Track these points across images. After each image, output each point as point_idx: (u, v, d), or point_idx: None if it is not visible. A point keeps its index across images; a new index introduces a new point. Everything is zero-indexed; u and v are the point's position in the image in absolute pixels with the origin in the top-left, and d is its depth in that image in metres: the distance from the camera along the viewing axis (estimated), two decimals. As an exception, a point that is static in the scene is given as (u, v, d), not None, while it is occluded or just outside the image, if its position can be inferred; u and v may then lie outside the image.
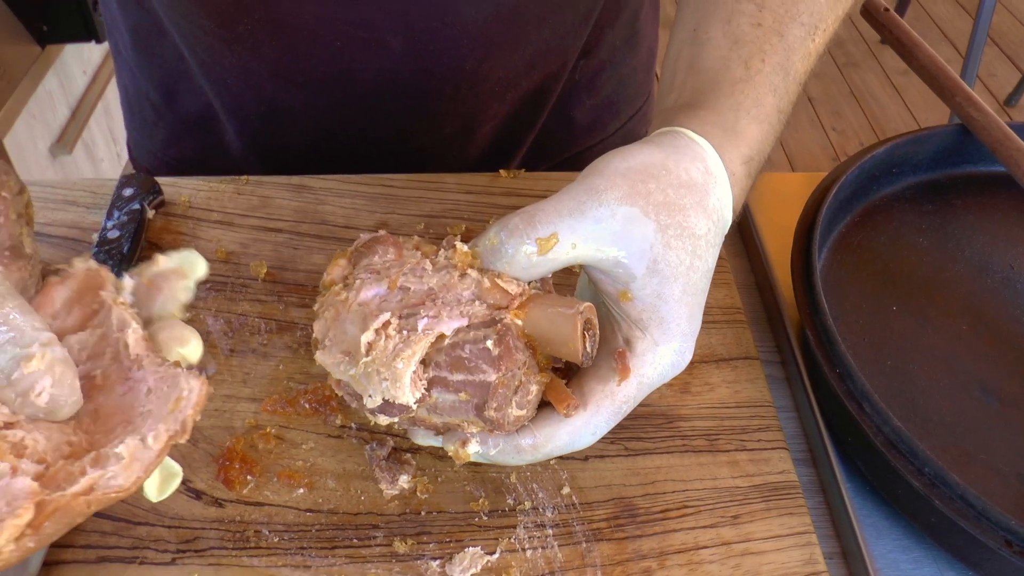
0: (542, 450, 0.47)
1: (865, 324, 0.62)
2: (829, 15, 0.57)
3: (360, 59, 0.72)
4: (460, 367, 0.44)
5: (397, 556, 0.51)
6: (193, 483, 0.54)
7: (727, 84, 0.53)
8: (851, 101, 2.90)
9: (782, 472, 0.55)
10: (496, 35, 0.72)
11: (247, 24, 0.71)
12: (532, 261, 0.46)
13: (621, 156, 0.48)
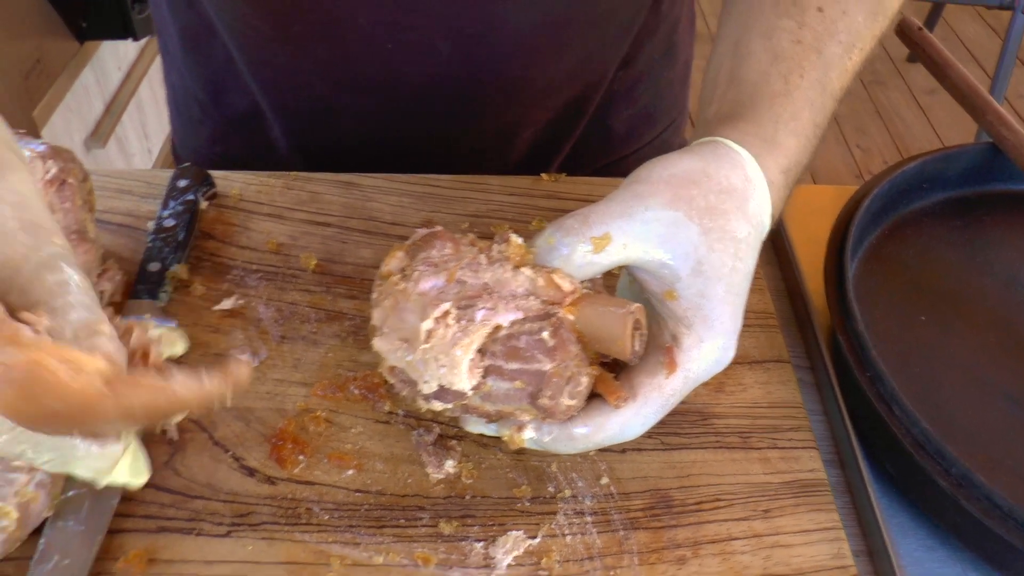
0: (594, 439, 0.50)
1: (893, 333, 0.65)
2: (866, 34, 0.60)
3: (409, 62, 0.74)
4: (516, 356, 0.47)
5: (443, 537, 0.53)
6: (246, 461, 0.57)
7: (766, 97, 0.55)
8: (876, 119, 2.91)
9: (812, 470, 0.57)
10: (541, 43, 0.75)
11: (301, 25, 0.74)
12: (587, 259, 0.49)
13: (664, 163, 0.51)
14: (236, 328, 0.64)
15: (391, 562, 0.52)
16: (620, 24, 0.79)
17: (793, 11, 0.57)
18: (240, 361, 0.46)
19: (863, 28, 0.59)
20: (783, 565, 0.53)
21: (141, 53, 2.22)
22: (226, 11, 0.77)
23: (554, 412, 0.47)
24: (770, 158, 0.53)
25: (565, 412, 0.48)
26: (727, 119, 0.55)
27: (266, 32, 0.76)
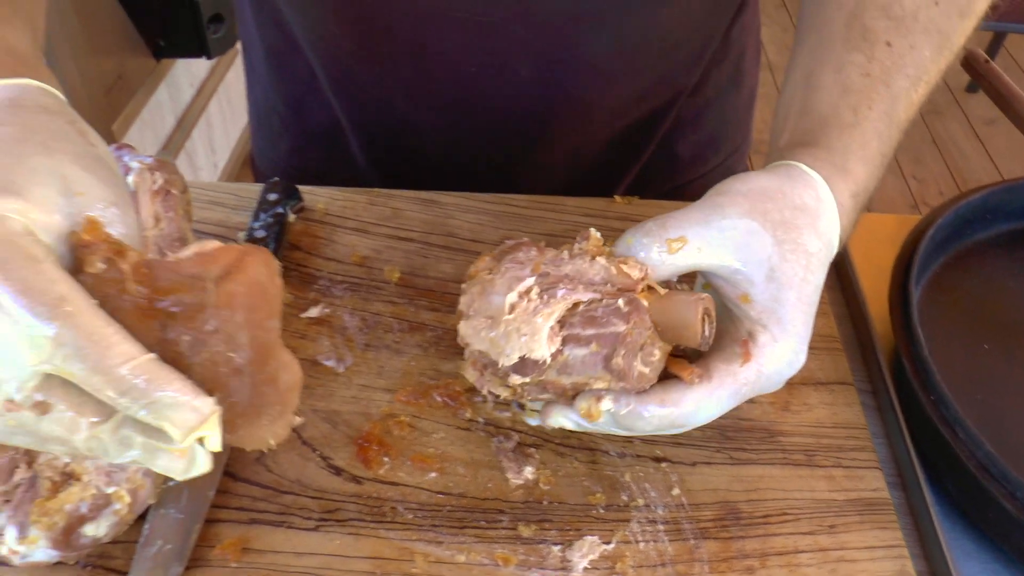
0: (668, 415, 0.52)
1: (956, 359, 0.66)
2: (932, 68, 0.62)
3: (490, 84, 0.78)
4: (592, 323, 0.51)
5: (522, 539, 0.56)
6: (333, 460, 0.60)
7: (836, 128, 0.58)
8: (933, 149, 2.90)
9: (875, 489, 0.59)
10: (614, 67, 0.78)
11: (387, 46, 0.77)
12: (663, 259, 0.52)
13: (742, 179, 0.55)
14: (323, 335, 0.68)
15: (472, 561, 0.55)
16: (691, 51, 0.82)
17: (863, 46, 0.60)
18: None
19: (930, 62, 0.61)
20: (848, 578, 0.55)
21: (211, 71, 2.30)
22: (314, 31, 0.82)
23: (627, 375, 0.50)
24: (840, 183, 0.56)
25: (638, 379, 0.51)
26: (800, 146, 0.58)
27: (352, 51, 0.80)
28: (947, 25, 0.61)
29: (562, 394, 0.53)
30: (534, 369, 0.51)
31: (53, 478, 0.52)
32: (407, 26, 0.75)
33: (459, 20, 0.72)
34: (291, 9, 0.81)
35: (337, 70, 0.84)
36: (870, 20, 0.60)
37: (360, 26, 0.76)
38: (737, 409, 0.62)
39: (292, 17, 0.82)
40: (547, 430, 0.62)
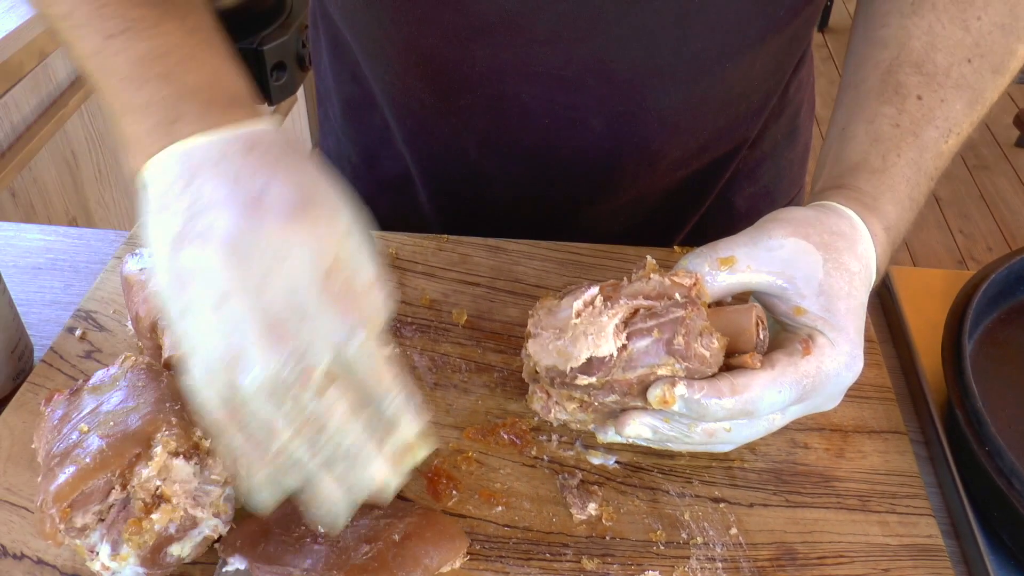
0: (738, 400, 0.55)
1: (1009, 412, 0.68)
2: (964, 121, 0.66)
3: (563, 136, 0.82)
4: (653, 316, 0.55)
5: (585, 572, 0.58)
6: (404, 493, 0.63)
7: (866, 172, 0.64)
8: (980, 204, 2.90)
9: (929, 536, 0.61)
10: (681, 120, 0.82)
11: (466, 100, 0.82)
12: (714, 276, 0.57)
13: (783, 211, 0.61)
14: (394, 373, 0.71)
15: (538, 591, 0.57)
16: (753, 105, 0.86)
17: (895, 99, 0.64)
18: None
19: (961, 116, 0.65)
20: (902, 621, 0.56)
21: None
22: (393, 84, 0.86)
23: (688, 355, 0.54)
24: (871, 217, 0.61)
25: (699, 360, 0.55)
26: (832, 189, 0.64)
27: (430, 104, 0.84)
28: (979, 81, 0.65)
29: (628, 392, 0.56)
30: (601, 367, 0.55)
31: (145, 499, 0.56)
32: (486, 80, 0.79)
33: (537, 74, 0.76)
34: (370, 63, 0.86)
35: (413, 122, 0.88)
36: (903, 76, 0.65)
37: (439, 80, 0.81)
38: (792, 454, 0.65)
39: (370, 71, 0.87)
40: (609, 468, 0.64)
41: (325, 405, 0.48)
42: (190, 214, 0.49)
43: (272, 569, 0.57)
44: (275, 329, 0.47)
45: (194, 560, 0.58)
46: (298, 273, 0.47)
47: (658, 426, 0.58)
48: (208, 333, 0.48)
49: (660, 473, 0.64)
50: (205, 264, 0.48)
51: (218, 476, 0.58)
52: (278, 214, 0.48)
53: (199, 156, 0.50)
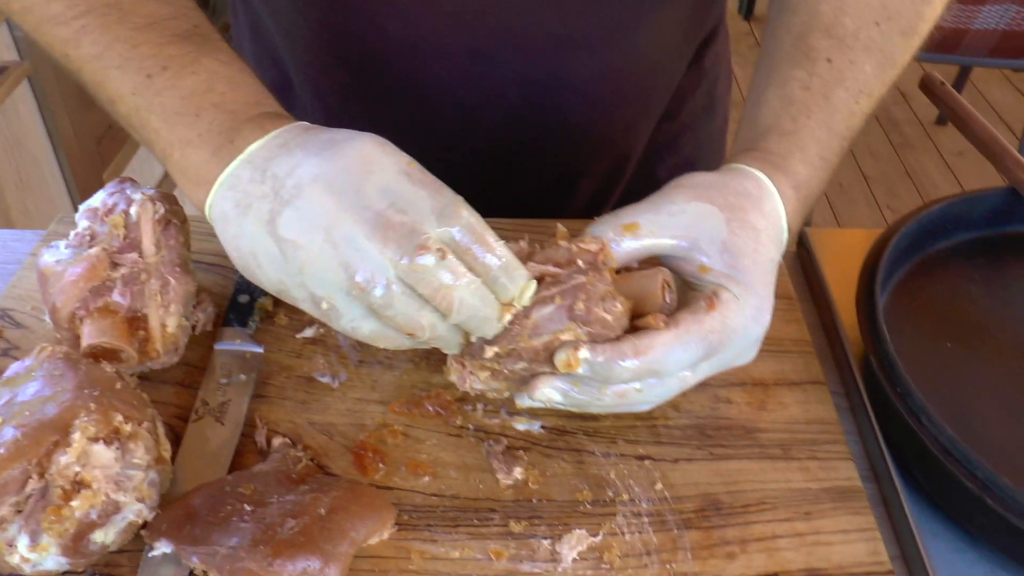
0: (643, 361, 0.55)
1: (921, 358, 0.70)
2: (875, 82, 0.68)
3: (480, 110, 0.82)
4: (557, 284, 0.56)
5: (513, 535, 0.58)
6: (330, 468, 0.63)
7: (776, 135, 0.65)
8: (906, 181, 2.97)
9: (848, 479, 0.62)
10: (597, 92, 0.83)
11: (382, 76, 0.81)
12: (618, 243, 0.58)
13: (687, 176, 0.62)
14: (317, 354, 0.71)
15: (467, 556, 0.57)
16: (666, 76, 0.87)
17: (805, 63, 0.66)
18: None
19: (871, 77, 0.66)
20: (824, 561, 0.57)
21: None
22: (312, 66, 0.85)
23: (590, 320, 0.55)
24: (780, 176, 0.62)
25: (601, 324, 0.55)
26: (741, 153, 0.65)
27: (348, 84, 0.84)
28: (888, 44, 0.67)
29: (535, 359, 0.57)
30: (504, 337, 0.55)
31: (64, 487, 0.55)
32: (399, 57, 0.79)
33: (449, 48, 0.77)
34: (288, 45, 0.85)
35: (333, 102, 0.88)
36: (814, 40, 0.66)
37: (354, 59, 0.80)
38: (715, 409, 0.66)
39: (289, 53, 0.86)
40: (534, 433, 0.65)
41: (450, 268, 0.52)
42: (275, 192, 0.54)
43: (198, 550, 0.56)
44: (379, 224, 0.52)
45: (120, 548, 0.57)
46: (385, 173, 0.54)
47: (568, 390, 0.58)
48: (326, 272, 0.53)
49: (585, 435, 0.65)
50: (304, 214, 0.53)
51: (140, 460, 0.57)
52: (351, 142, 0.55)
53: (264, 153, 0.56)
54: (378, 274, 0.52)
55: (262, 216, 0.54)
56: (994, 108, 3.32)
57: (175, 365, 0.69)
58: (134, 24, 0.61)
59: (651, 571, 0.56)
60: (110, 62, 0.60)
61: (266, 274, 0.56)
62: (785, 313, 0.75)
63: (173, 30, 0.61)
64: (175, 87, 0.59)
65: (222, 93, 0.59)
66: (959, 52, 2.35)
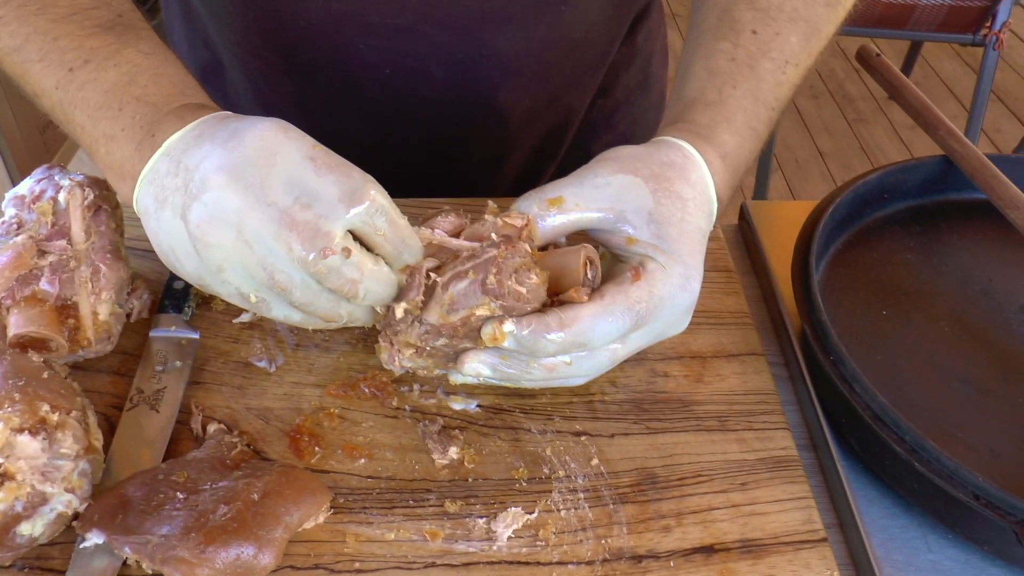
0: (569, 333, 0.55)
1: (858, 326, 0.70)
2: (801, 53, 0.68)
3: (406, 87, 0.81)
4: (471, 259, 0.56)
5: (448, 515, 0.58)
6: (266, 453, 0.62)
7: (701, 106, 0.65)
8: (861, 155, 3.00)
9: (784, 448, 0.63)
10: (524, 68, 0.82)
11: (307, 55, 0.81)
12: (544, 217, 0.58)
13: (612, 150, 0.61)
14: (254, 338, 0.70)
15: (402, 538, 0.57)
16: (596, 52, 0.87)
17: (730, 35, 0.66)
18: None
19: (797, 47, 0.67)
20: (759, 531, 0.58)
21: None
22: (241, 46, 0.84)
23: (502, 293, 0.54)
24: (706, 146, 0.62)
25: (515, 296, 0.55)
26: (668, 125, 0.65)
27: (275, 64, 0.83)
28: (813, 15, 0.67)
29: (454, 335, 0.56)
30: (410, 293, 0.56)
31: (-13, 479, 0.54)
32: (323, 32, 0.78)
33: (373, 24, 0.76)
34: (218, 24, 0.84)
35: (262, 82, 0.87)
36: (738, 13, 0.66)
37: (279, 36, 0.79)
38: (652, 383, 0.66)
39: (217, 33, 0.85)
40: (471, 412, 0.64)
41: (355, 263, 0.53)
42: (185, 185, 0.53)
43: (130, 540, 0.55)
44: (285, 223, 0.51)
45: (51, 540, 0.56)
46: (289, 161, 0.53)
47: (496, 363, 0.58)
48: (247, 269, 0.53)
49: (522, 413, 0.64)
50: (213, 208, 0.52)
51: (68, 450, 0.56)
52: (254, 129, 0.54)
53: (180, 145, 0.55)
54: (293, 274, 0.53)
55: (176, 210, 0.54)
56: (945, 82, 3.36)
57: (110, 353, 0.68)
58: (54, 15, 0.60)
59: (586, 547, 0.56)
60: (30, 55, 0.59)
61: (186, 269, 0.56)
62: (724, 286, 0.75)
63: (95, 20, 0.60)
64: (97, 81, 0.58)
65: (144, 86, 0.58)
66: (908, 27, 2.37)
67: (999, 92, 3.26)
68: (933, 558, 0.58)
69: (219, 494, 0.57)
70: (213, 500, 0.57)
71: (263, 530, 0.55)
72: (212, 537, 0.54)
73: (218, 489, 0.58)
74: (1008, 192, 0.74)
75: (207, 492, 0.57)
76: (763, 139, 0.67)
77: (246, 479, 0.58)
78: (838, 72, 3.42)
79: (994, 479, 0.56)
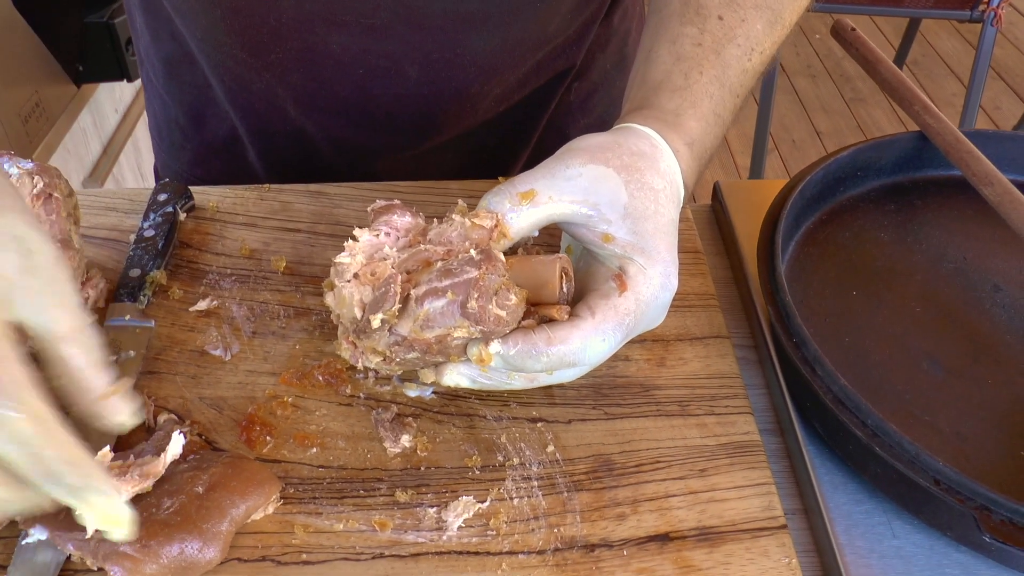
0: (557, 351, 0.53)
1: (827, 307, 0.69)
2: (766, 40, 0.67)
3: (379, 85, 0.80)
4: (448, 275, 0.53)
5: (399, 504, 0.57)
6: (218, 444, 0.61)
7: (668, 91, 0.63)
8: (858, 135, 2.97)
9: (746, 433, 0.61)
10: (498, 62, 0.81)
11: (278, 53, 0.79)
12: (516, 212, 0.55)
13: (580, 140, 0.59)
14: (211, 326, 0.69)
15: (351, 528, 0.56)
16: (569, 38, 0.85)
17: (696, 20, 0.64)
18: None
19: (762, 35, 0.65)
20: (716, 518, 0.56)
21: (137, 94, 2.29)
22: (208, 42, 0.83)
23: (483, 319, 0.52)
24: (672, 133, 0.60)
25: (495, 321, 0.53)
26: (633, 111, 0.63)
27: (245, 60, 0.81)
28: (777, 2, 0.67)
29: (427, 351, 0.55)
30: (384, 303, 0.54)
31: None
32: (295, 31, 0.76)
33: (345, 24, 0.74)
34: (183, 19, 0.82)
35: (231, 79, 0.85)
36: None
37: (249, 33, 0.78)
38: (612, 367, 0.64)
39: (184, 27, 0.83)
40: (426, 399, 0.63)
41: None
42: None
43: (73, 536, 0.54)
44: None
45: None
46: None
47: (475, 376, 0.57)
48: None
49: (477, 399, 0.63)
50: None
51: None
52: None
53: None
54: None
55: None
56: (944, 59, 3.32)
57: (65, 344, 0.67)
58: None
59: (538, 536, 0.55)
60: None
61: None
62: (691, 267, 0.73)
63: None
64: None
65: None
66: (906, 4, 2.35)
67: (998, 69, 3.22)
68: (897, 544, 0.56)
69: (164, 488, 0.56)
70: (157, 494, 0.55)
71: (208, 523, 0.54)
72: (154, 532, 0.53)
73: (163, 482, 0.56)
74: (983, 168, 0.72)
75: (153, 486, 0.56)
76: (727, 126, 0.66)
77: (191, 472, 0.57)
78: (835, 51, 3.38)
79: (958, 462, 0.54)
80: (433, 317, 0.53)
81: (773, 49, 0.67)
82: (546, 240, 0.70)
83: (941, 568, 0.55)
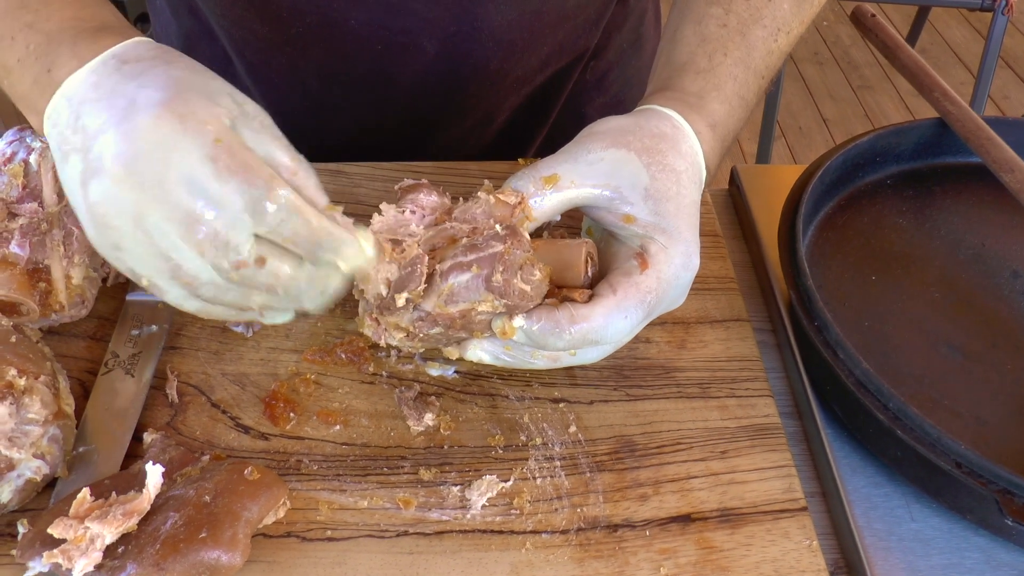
0: (579, 329, 0.53)
1: (846, 292, 0.69)
2: (793, 20, 0.66)
3: (398, 61, 0.80)
4: (474, 249, 0.54)
5: (422, 482, 0.57)
6: (242, 420, 0.61)
7: (691, 73, 0.63)
8: (865, 122, 2.96)
9: (767, 416, 0.62)
10: (517, 38, 0.80)
11: (299, 28, 0.79)
12: (540, 195, 0.56)
13: (601, 122, 0.59)
14: (232, 304, 0.69)
15: (375, 506, 0.56)
16: (589, 18, 0.85)
17: (722, 0, 0.63)
18: None
19: (789, 15, 0.65)
20: (738, 499, 0.57)
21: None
22: (228, 17, 0.82)
23: (508, 292, 0.53)
24: (695, 115, 0.60)
25: (520, 296, 0.53)
26: (656, 92, 0.63)
27: (265, 36, 0.81)
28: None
29: (451, 325, 0.55)
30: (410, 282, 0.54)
31: (-45, 445, 0.53)
32: (313, 8, 0.76)
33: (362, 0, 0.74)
34: None
35: (251, 54, 0.85)
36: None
37: (268, 10, 0.78)
38: (634, 349, 0.64)
39: (204, 2, 0.83)
40: (448, 379, 0.63)
41: (271, 270, 0.50)
42: (84, 150, 0.49)
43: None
44: (191, 226, 0.48)
45: (22, 507, 0.55)
46: (186, 159, 0.48)
47: (499, 352, 0.57)
48: (145, 257, 0.50)
49: (500, 379, 0.63)
50: (110, 194, 0.49)
51: (36, 415, 0.55)
52: (149, 114, 0.48)
53: (79, 92, 0.51)
54: (201, 274, 0.49)
55: (76, 173, 0.50)
56: (952, 48, 3.31)
57: (86, 318, 0.67)
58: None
59: (561, 515, 0.55)
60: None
61: (87, 230, 0.52)
62: (710, 251, 0.73)
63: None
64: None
65: (36, 11, 0.54)
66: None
67: (1008, 58, 3.21)
68: (916, 527, 0.57)
69: (168, 504, 0.55)
70: (162, 513, 0.54)
71: (221, 530, 0.53)
72: (168, 549, 0.51)
73: (168, 499, 0.55)
74: (1003, 155, 0.72)
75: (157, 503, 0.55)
76: (751, 108, 0.66)
77: (194, 484, 0.55)
78: (843, 38, 3.37)
79: (978, 447, 0.54)
80: (458, 291, 0.54)
81: (801, 29, 0.67)
82: (568, 223, 0.70)
83: (960, 551, 0.55)
